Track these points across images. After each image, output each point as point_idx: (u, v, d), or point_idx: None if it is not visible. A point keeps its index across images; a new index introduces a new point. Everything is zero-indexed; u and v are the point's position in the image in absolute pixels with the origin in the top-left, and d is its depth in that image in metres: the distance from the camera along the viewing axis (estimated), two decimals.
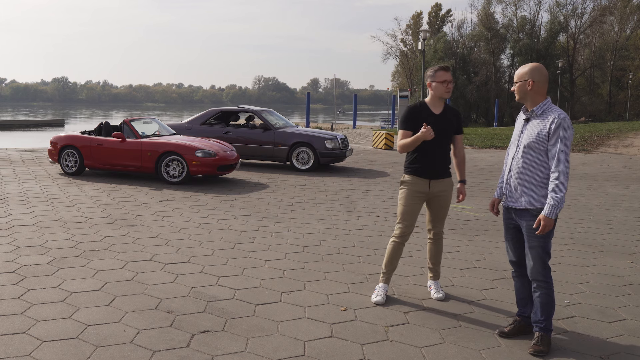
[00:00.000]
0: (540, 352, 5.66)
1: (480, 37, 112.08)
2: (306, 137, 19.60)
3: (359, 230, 10.84)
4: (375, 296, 7.08)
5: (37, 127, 76.61)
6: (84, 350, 5.45)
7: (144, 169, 16.21)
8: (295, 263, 8.58)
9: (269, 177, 17.73)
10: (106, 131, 17.34)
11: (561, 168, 5.45)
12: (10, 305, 6.57)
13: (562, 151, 5.46)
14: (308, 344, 5.77)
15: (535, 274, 5.77)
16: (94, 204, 12.69)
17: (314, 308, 6.77)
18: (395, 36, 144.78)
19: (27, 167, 18.88)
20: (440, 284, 7.37)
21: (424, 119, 6.74)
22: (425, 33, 41.44)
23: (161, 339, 5.77)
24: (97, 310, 6.48)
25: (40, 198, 13.22)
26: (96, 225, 10.66)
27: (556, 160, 5.48)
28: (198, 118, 21.28)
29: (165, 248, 9.22)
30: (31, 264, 8.12)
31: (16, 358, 5.26)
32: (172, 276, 7.78)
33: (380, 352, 5.63)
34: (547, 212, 5.49)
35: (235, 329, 6.09)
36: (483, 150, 29.23)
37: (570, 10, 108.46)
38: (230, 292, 7.21)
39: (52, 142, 17.48)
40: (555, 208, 5.46)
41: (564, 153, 5.46)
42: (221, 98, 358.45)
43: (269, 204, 13.30)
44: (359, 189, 15.79)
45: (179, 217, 11.56)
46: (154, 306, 6.67)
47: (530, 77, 5.68)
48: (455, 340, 5.98)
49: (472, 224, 11.36)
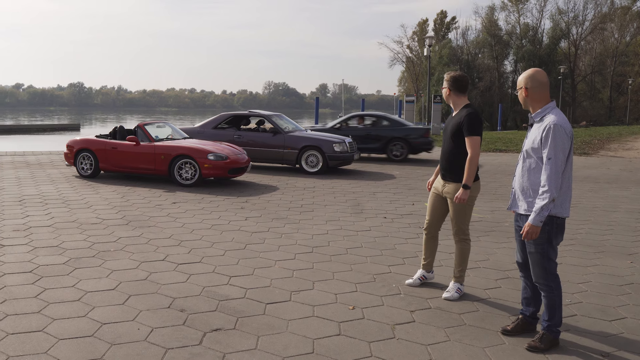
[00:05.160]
0: (536, 348, 5.67)
1: (484, 43, 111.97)
2: (315, 141, 19.58)
3: (367, 231, 10.83)
4: (409, 279, 7.84)
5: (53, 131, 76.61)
6: (99, 348, 5.46)
7: (157, 171, 16.23)
8: (305, 263, 8.58)
9: (279, 180, 17.73)
10: (121, 135, 17.35)
11: (546, 176, 5.38)
12: (27, 304, 6.58)
13: (549, 159, 5.37)
14: (317, 342, 5.76)
15: (536, 277, 5.76)
16: (109, 205, 12.71)
17: (322, 307, 6.76)
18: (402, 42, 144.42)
19: (44, 169, 18.91)
20: (458, 287, 7.27)
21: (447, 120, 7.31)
22: (431, 39, 41.45)
23: (174, 337, 5.77)
24: (111, 309, 6.49)
25: (57, 200, 13.24)
26: (111, 226, 10.68)
27: (543, 168, 5.42)
28: (210, 122, 21.28)
29: (178, 248, 9.23)
30: (48, 264, 8.14)
31: (33, 355, 5.27)
32: (184, 276, 7.78)
33: (387, 350, 5.62)
34: (531, 219, 5.46)
35: (246, 327, 6.09)
36: (487, 154, 29.16)
37: (571, 17, 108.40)
38: (241, 292, 7.21)
39: (68, 146, 17.50)
40: (538, 215, 5.41)
41: (551, 160, 5.36)
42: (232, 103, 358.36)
43: (279, 205, 13.31)
44: (366, 191, 15.77)
45: (191, 218, 11.57)
46: (167, 305, 6.67)
47: (524, 84, 5.67)
48: (460, 338, 5.97)
49: (476, 225, 11.34)
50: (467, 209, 7.07)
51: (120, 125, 17.82)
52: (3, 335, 5.70)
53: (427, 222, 7.51)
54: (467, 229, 7.18)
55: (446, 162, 7.11)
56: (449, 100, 7.16)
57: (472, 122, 6.83)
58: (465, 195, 6.82)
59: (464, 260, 7.24)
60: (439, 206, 7.35)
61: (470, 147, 6.82)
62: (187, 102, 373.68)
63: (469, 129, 6.83)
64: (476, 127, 6.83)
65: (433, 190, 7.41)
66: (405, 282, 7.72)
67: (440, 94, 44.19)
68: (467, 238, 7.21)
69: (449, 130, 7.08)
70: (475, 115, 6.88)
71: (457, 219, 7.12)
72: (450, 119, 7.16)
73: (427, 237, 7.57)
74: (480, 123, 6.90)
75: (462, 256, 7.22)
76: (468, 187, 6.82)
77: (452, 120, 7.07)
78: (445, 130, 7.19)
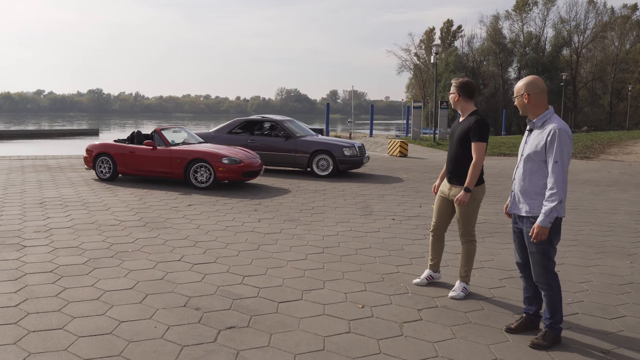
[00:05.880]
0: (538, 345, 5.68)
1: (489, 51, 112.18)
2: (326, 145, 19.61)
3: (375, 232, 10.81)
4: (417, 278, 7.83)
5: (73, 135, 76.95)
6: (118, 345, 5.46)
7: (173, 175, 16.25)
8: (316, 263, 8.57)
9: (291, 183, 17.72)
10: (138, 139, 17.42)
11: (554, 179, 5.39)
12: (48, 302, 6.59)
13: (556, 162, 5.38)
14: (327, 339, 5.75)
15: (537, 277, 5.76)
16: (127, 207, 12.74)
17: (333, 305, 6.75)
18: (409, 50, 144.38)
19: (64, 173, 18.96)
20: (464, 286, 7.25)
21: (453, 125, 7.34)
22: (438, 47, 41.31)
23: (190, 335, 5.77)
24: (129, 308, 6.49)
25: (76, 202, 13.27)
26: (129, 227, 10.69)
27: (550, 172, 5.42)
28: (224, 127, 21.33)
29: (194, 249, 9.23)
30: (68, 264, 8.15)
31: (54, 352, 5.28)
32: (200, 275, 7.78)
33: (395, 347, 5.61)
34: (540, 221, 5.45)
35: (259, 325, 6.09)
36: (491, 158, 29.11)
37: (573, 26, 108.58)
38: (255, 291, 7.20)
39: (88, 150, 17.54)
40: (547, 217, 5.41)
41: (558, 164, 5.38)
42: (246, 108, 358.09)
43: (291, 207, 13.30)
44: (375, 194, 15.76)
45: (206, 220, 11.57)
46: (183, 304, 6.67)
47: (526, 90, 5.65)
48: (466, 335, 5.96)
49: (481, 227, 11.31)
50: (473, 211, 7.06)
51: (137, 130, 17.88)
52: (25, 332, 5.71)
53: (434, 224, 7.50)
54: (473, 230, 7.16)
55: (453, 165, 7.10)
56: (458, 106, 7.13)
57: (481, 128, 6.83)
58: (465, 198, 6.82)
59: (469, 261, 7.23)
60: (445, 209, 7.34)
61: (475, 153, 6.82)
62: (203, 107, 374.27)
63: (477, 135, 6.82)
64: (484, 134, 6.84)
65: (439, 193, 7.39)
66: (413, 281, 7.71)
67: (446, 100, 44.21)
68: (473, 239, 7.19)
69: (456, 135, 7.06)
70: (484, 122, 6.89)
71: (463, 221, 7.10)
72: (458, 124, 7.13)
73: (434, 239, 7.57)
74: (488, 130, 6.91)
75: (468, 257, 7.21)
76: (469, 190, 6.82)
77: (460, 126, 7.05)
78: (452, 135, 7.17)
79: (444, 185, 7.35)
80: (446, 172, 7.30)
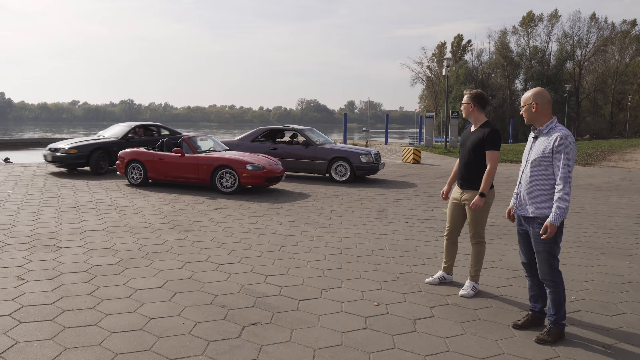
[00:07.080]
0: (544, 340, 5.70)
1: (497, 64, 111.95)
2: (343, 153, 19.58)
3: (390, 234, 10.79)
4: (429, 277, 7.85)
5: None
6: (148, 341, 5.47)
7: (200, 180, 16.27)
8: (334, 263, 8.55)
9: (311, 188, 17.71)
10: (167, 147, 17.43)
11: (564, 181, 5.45)
12: (83, 300, 6.61)
13: (565, 166, 5.45)
14: (345, 335, 5.73)
15: (544, 274, 5.77)
16: (157, 211, 12.76)
17: (350, 303, 6.74)
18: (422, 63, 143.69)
19: (97, 179, 19.02)
20: (473, 285, 7.25)
21: (464, 134, 7.31)
22: (449, 61, 41.26)
23: (215, 331, 5.77)
24: (159, 305, 6.50)
25: (109, 206, 13.31)
26: (158, 230, 10.71)
27: (560, 174, 5.47)
28: (248, 136, 21.34)
29: (219, 250, 9.23)
30: (101, 264, 8.17)
31: (88, 347, 5.28)
32: (225, 275, 7.78)
33: (409, 342, 5.59)
34: (552, 220, 5.47)
35: (281, 321, 6.08)
36: (499, 165, 28.94)
37: (576, 40, 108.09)
38: (277, 289, 7.19)
39: (120, 157, 17.63)
40: (559, 216, 5.46)
41: (566, 167, 5.45)
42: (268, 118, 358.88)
43: (311, 211, 13.29)
44: (390, 198, 15.72)
45: (231, 223, 11.57)
46: (209, 302, 6.67)
47: (534, 100, 5.70)
48: (475, 331, 5.94)
49: (489, 229, 11.25)
50: (484, 214, 7.05)
51: (167, 139, 17.91)
52: (60, 329, 5.73)
53: (448, 229, 7.48)
54: (483, 232, 7.16)
55: (465, 172, 7.09)
56: (471, 116, 7.09)
57: (495, 138, 6.87)
58: (480, 202, 6.82)
59: (479, 261, 7.21)
60: (458, 214, 7.32)
61: (490, 161, 6.85)
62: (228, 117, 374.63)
63: (491, 144, 6.85)
64: (497, 143, 6.88)
65: (452, 200, 7.37)
66: (426, 280, 7.69)
67: (457, 110, 44.02)
68: (482, 241, 7.18)
69: (468, 144, 7.04)
70: (497, 132, 6.93)
71: (474, 224, 7.09)
72: (470, 134, 7.11)
73: (448, 243, 7.55)
74: (501, 139, 6.93)
75: (478, 257, 7.20)
76: (484, 195, 6.83)
77: (473, 135, 7.03)
78: (464, 143, 7.15)
79: (456, 191, 7.33)
80: (457, 178, 7.29)
